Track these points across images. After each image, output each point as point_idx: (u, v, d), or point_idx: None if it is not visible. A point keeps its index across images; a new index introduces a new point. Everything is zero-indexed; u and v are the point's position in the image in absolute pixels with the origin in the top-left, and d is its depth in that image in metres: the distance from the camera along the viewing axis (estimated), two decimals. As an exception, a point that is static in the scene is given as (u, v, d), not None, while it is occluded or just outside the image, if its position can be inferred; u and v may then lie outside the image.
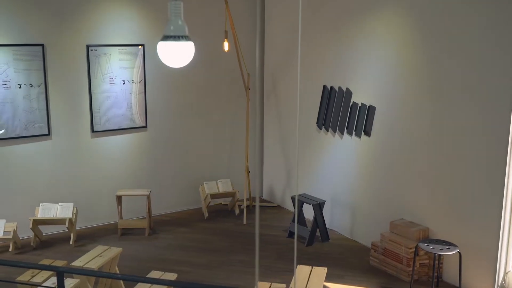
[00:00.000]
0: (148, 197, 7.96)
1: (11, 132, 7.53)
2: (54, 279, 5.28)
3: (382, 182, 7.20)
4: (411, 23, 6.61)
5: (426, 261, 6.50)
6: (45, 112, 7.70)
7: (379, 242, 6.84)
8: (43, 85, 7.64)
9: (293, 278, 4.78)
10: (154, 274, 5.76)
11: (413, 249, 6.34)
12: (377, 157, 7.24)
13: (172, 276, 5.70)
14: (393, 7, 6.84)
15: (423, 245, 6.03)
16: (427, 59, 6.43)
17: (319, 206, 7.57)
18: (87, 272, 4.99)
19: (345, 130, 7.71)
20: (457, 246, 5.98)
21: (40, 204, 7.52)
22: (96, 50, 7.94)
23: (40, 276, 5.57)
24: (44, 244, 7.61)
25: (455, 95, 6.14)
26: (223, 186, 8.77)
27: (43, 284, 5.21)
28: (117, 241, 7.69)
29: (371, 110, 7.24)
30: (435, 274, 6.11)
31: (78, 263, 5.55)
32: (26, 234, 7.57)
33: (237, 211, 8.81)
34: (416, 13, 6.53)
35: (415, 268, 6.36)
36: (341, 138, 7.80)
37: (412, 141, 6.72)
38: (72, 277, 5.46)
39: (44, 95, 7.66)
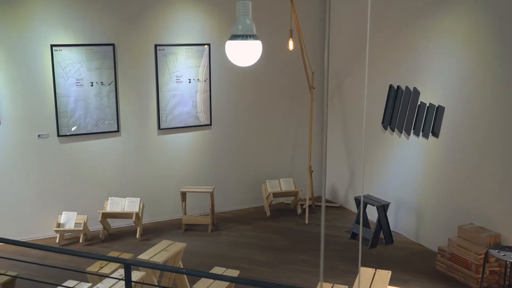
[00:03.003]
0: (212, 194, 8.08)
1: (83, 128, 7.85)
2: (121, 271, 5.45)
3: (450, 184, 6.95)
4: (483, 19, 6.34)
5: (497, 269, 6.22)
6: (114, 109, 7.97)
7: (446, 247, 6.61)
8: (113, 83, 7.91)
9: (357, 279, 4.70)
10: (217, 270, 5.83)
11: (483, 256, 6.08)
12: (445, 159, 7.00)
13: (234, 273, 5.75)
14: (463, 3, 6.59)
15: (494, 252, 5.77)
16: (500, 56, 6.14)
17: (383, 208, 7.42)
18: (153, 266, 5.11)
19: (412, 131, 7.50)
20: (531, 254, 5.68)
21: (109, 198, 7.80)
22: (163, 50, 8.13)
23: (108, 268, 5.76)
24: (112, 236, 7.88)
25: (532, 95, 5.84)
26: (285, 185, 8.77)
27: (111, 276, 5.39)
28: (181, 236, 7.85)
29: (439, 110, 7.01)
30: (507, 282, 5.83)
31: (144, 256, 5.70)
32: (95, 226, 7.88)
33: (299, 210, 8.78)
34: (488, 9, 6.25)
35: (485, 275, 6.10)
36: (407, 138, 7.60)
37: (482, 143, 6.45)
38: (138, 270, 5.62)
39: (114, 93, 7.93)
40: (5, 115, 7.40)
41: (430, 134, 7.18)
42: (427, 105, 7.20)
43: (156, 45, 8.07)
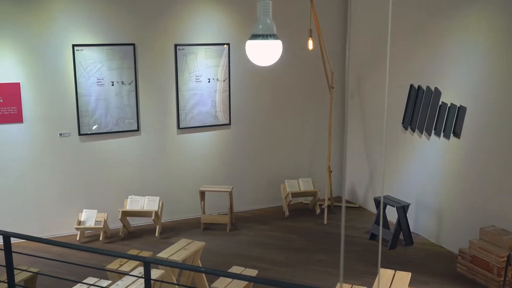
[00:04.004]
0: (230, 193, 8.09)
1: (103, 127, 7.92)
2: (140, 269, 5.48)
3: (471, 186, 6.86)
4: (505, 19, 6.24)
5: (519, 272, 6.12)
6: (135, 108, 8.03)
7: (467, 249, 6.53)
8: (133, 83, 7.97)
9: (376, 281, 4.66)
10: (235, 269, 5.84)
11: (505, 259, 5.99)
12: (467, 160, 6.91)
13: (252, 272, 5.76)
14: (485, 2, 6.49)
15: (516, 255, 5.68)
16: (525, 57, 6.04)
17: (403, 209, 7.35)
18: (172, 264, 5.14)
19: (433, 131, 7.42)
20: (555, 258, 5.58)
21: (129, 196, 7.86)
22: (183, 49, 8.17)
23: (127, 265, 5.82)
24: (132, 235, 7.95)
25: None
26: (304, 185, 8.74)
27: (131, 273, 5.43)
28: (200, 235, 7.88)
29: (461, 110, 6.92)
30: (529, 286, 5.74)
31: (163, 254, 5.74)
32: (115, 224, 7.95)
33: (317, 211, 8.75)
34: (511, 8, 6.16)
35: (507, 278, 6.01)
36: (428, 139, 7.52)
37: (505, 143, 6.35)
38: (158, 268, 5.65)
39: (134, 93, 8.00)
40: (28, 114, 7.51)
41: (452, 134, 7.09)
42: (449, 105, 7.12)
43: (176, 45, 8.12)
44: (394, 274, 5.31)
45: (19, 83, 7.41)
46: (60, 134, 7.73)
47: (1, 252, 4.60)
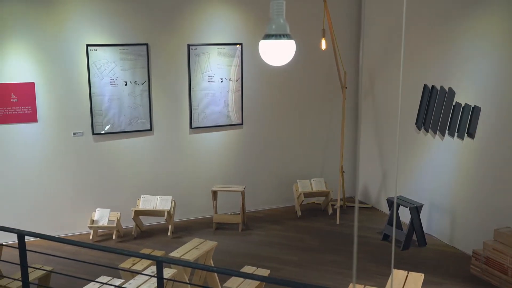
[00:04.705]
0: (243, 193, 8.09)
1: (116, 127, 7.97)
2: (153, 268, 5.50)
3: (486, 187, 6.79)
4: (523, 18, 6.18)
5: (534, 274, 6.06)
6: (148, 108, 8.07)
7: (481, 251, 6.47)
8: (146, 83, 8.01)
9: (389, 281, 4.63)
10: (247, 269, 5.84)
11: (520, 260, 5.93)
12: (481, 160, 6.84)
13: (264, 272, 5.75)
14: (500, 2, 6.42)
15: (531, 256, 5.62)
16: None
17: (416, 210, 7.31)
18: (184, 263, 5.15)
19: (447, 132, 7.37)
20: None
21: (142, 196, 7.89)
22: (196, 49, 8.19)
23: (140, 264, 5.84)
24: (144, 234, 7.98)
25: None
26: (316, 185, 8.72)
27: (143, 272, 5.45)
28: (212, 234, 7.90)
29: (475, 110, 6.86)
30: (545, 288, 5.67)
31: (175, 254, 5.75)
32: (128, 223, 7.99)
33: (330, 211, 8.73)
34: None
35: (522, 280, 5.95)
36: (442, 139, 7.47)
37: (521, 145, 6.29)
38: (170, 267, 5.67)
39: (147, 92, 8.03)
40: (42, 113, 7.58)
41: (466, 135, 7.03)
42: (463, 105, 7.06)
43: (189, 45, 8.14)
44: (407, 275, 5.28)
45: (33, 83, 7.48)
46: (74, 134, 7.79)
47: (16, 251, 4.64)
